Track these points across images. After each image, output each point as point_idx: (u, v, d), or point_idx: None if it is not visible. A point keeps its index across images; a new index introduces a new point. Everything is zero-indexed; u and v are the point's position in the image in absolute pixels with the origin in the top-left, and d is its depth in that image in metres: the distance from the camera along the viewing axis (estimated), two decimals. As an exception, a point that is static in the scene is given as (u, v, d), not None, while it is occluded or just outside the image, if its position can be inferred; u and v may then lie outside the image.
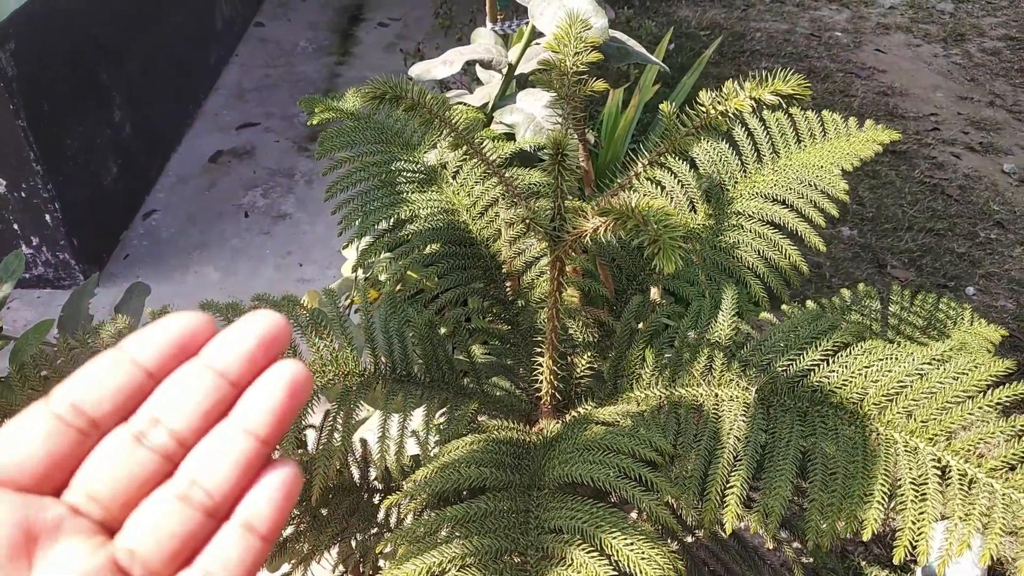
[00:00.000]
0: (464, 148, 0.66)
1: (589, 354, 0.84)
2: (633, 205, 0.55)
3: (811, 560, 2.21)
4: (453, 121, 0.66)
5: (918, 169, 3.34)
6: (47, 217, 2.27)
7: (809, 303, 1.03)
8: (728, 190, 0.88)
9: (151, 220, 2.77)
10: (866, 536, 0.55)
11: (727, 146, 0.91)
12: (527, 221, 0.62)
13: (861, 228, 3.03)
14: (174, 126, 3.15)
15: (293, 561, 1.08)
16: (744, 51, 4.19)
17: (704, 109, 0.67)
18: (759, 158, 0.90)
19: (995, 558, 0.55)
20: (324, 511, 1.08)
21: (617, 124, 2.09)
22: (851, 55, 4.23)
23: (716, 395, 0.71)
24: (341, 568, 1.15)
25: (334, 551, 1.14)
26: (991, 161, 3.43)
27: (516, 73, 1.07)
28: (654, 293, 1.40)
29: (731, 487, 0.62)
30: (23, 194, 2.21)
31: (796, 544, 2.03)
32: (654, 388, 0.76)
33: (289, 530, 1.09)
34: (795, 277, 0.84)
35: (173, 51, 3.10)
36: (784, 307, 1.04)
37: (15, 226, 2.29)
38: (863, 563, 2.06)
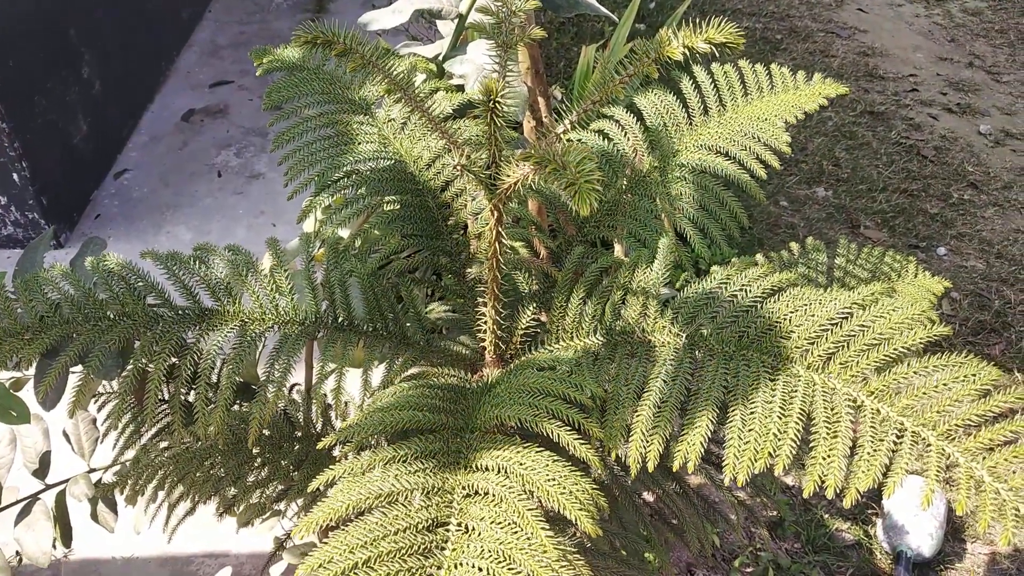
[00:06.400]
0: (398, 94, 0.66)
1: (534, 305, 0.85)
2: (556, 151, 0.56)
3: (775, 513, 2.26)
4: (386, 67, 0.66)
5: (895, 130, 3.34)
6: (15, 176, 2.25)
7: (758, 256, 1.04)
8: (674, 142, 0.89)
9: (123, 179, 2.75)
10: (777, 470, 0.57)
11: (674, 98, 0.91)
12: (459, 167, 0.62)
13: (836, 189, 3.04)
14: (146, 84, 3.10)
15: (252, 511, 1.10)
16: (726, 10, 4.15)
17: (638, 57, 0.67)
18: (705, 110, 0.91)
19: (952, 509, 0.57)
20: (284, 463, 1.10)
21: (587, 82, 2.08)
22: (833, 14, 4.21)
23: (649, 341, 0.72)
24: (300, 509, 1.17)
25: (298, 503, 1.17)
26: (968, 122, 3.43)
27: (467, 24, 1.06)
28: (618, 251, 1.41)
29: (655, 427, 0.63)
30: (-11, 152, 2.19)
31: (761, 499, 2.07)
32: (592, 336, 0.77)
33: (251, 478, 1.10)
34: (735, 228, 0.85)
35: (144, 7, 3.04)
36: (734, 260, 1.05)
37: (-18, 185, 2.26)
38: (826, 516, 2.12)
